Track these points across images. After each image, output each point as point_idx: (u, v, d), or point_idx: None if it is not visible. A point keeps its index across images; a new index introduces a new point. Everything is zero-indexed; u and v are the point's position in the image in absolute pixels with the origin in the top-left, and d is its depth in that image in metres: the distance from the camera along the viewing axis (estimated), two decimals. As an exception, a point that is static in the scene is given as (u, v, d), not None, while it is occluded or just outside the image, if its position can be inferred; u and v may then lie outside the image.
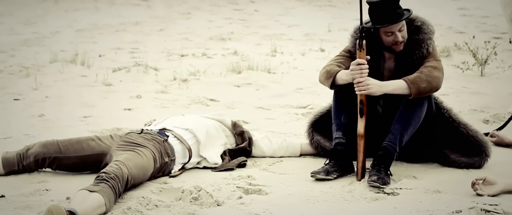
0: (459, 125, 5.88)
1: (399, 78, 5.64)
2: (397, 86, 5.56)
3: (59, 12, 17.46)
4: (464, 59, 10.08)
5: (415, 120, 5.63)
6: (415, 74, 5.58)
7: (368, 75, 5.56)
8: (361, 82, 5.53)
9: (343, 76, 5.68)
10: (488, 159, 5.83)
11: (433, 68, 5.62)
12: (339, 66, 5.78)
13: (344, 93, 5.74)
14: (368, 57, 5.58)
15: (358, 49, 5.60)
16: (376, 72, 5.73)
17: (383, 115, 5.82)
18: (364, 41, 5.58)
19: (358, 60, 5.57)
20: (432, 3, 16.94)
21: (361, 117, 5.61)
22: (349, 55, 5.90)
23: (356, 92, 5.57)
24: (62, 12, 17.48)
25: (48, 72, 10.19)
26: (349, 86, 5.65)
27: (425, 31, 5.75)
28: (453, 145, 5.87)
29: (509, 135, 6.53)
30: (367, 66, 5.55)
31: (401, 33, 5.68)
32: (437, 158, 5.92)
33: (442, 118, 5.89)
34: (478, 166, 5.79)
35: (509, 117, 6.78)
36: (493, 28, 13.95)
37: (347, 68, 5.79)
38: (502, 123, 6.81)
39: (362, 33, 5.61)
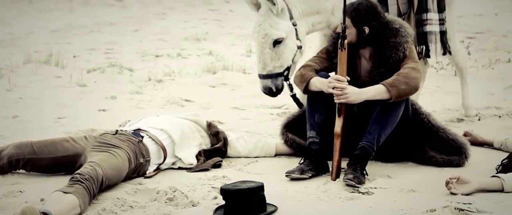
0: (438, 130, 5.91)
1: (375, 80, 5.67)
2: (376, 91, 5.57)
3: (33, 13, 17.37)
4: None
5: (392, 120, 5.65)
6: (393, 78, 5.60)
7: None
8: (340, 90, 5.54)
9: (317, 84, 5.71)
10: (467, 160, 5.86)
11: (411, 70, 5.64)
12: (315, 68, 5.81)
13: (317, 93, 5.75)
14: (348, 78, 5.60)
15: (339, 48, 5.62)
16: (353, 73, 5.75)
17: (357, 114, 5.84)
18: (346, 41, 5.61)
19: (338, 76, 5.58)
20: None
21: (338, 116, 5.62)
22: (326, 56, 5.93)
23: (335, 101, 5.58)
24: (36, 13, 17.39)
25: (22, 73, 10.14)
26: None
27: (403, 34, 5.78)
28: (432, 145, 5.91)
29: (482, 134, 6.58)
30: (346, 83, 5.56)
31: (347, 29, 5.70)
32: (416, 154, 5.94)
33: (421, 123, 5.92)
34: (456, 165, 5.83)
35: None
36: (467, 28, 14.03)
37: (323, 69, 5.82)
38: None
39: (344, 32, 5.63)
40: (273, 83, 6.26)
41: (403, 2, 6.54)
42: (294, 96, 6.39)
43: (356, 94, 5.57)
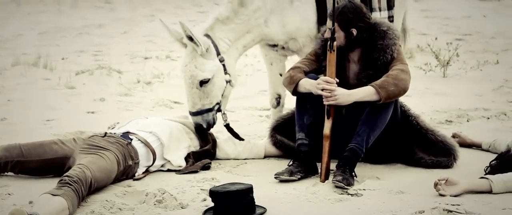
0: (427, 131, 5.92)
1: (363, 82, 5.67)
2: (365, 93, 5.57)
3: (22, 15, 17.34)
4: (427, 60, 10.17)
5: (381, 122, 5.65)
6: (382, 79, 5.60)
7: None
8: (329, 92, 5.54)
9: (306, 85, 5.70)
10: (456, 161, 5.88)
11: (400, 71, 5.65)
12: (304, 70, 5.81)
13: (306, 94, 5.75)
14: (337, 80, 5.60)
15: (328, 50, 5.62)
16: (341, 75, 5.75)
17: (346, 116, 5.84)
18: (335, 43, 5.61)
19: (327, 78, 5.58)
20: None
21: (328, 118, 5.62)
22: (315, 59, 5.92)
23: (324, 103, 5.58)
24: (25, 15, 17.36)
25: (11, 76, 10.12)
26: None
27: (390, 37, 5.78)
28: (421, 146, 5.92)
29: (471, 135, 6.60)
30: (335, 85, 5.56)
31: (336, 34, 5.69)
32: (405, 156, 5.95)
33: (410, 124, 5.92)
34: (445, 166, 5.84)
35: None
36: (455, 29, 14.08)
37: (312, 71, 5.82)
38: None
39: (334, 35, 5.63)
40: (204, 120, 6.21)
41: None
42: (227, 126, 6.36)
43: (345, 96, 5.57)
